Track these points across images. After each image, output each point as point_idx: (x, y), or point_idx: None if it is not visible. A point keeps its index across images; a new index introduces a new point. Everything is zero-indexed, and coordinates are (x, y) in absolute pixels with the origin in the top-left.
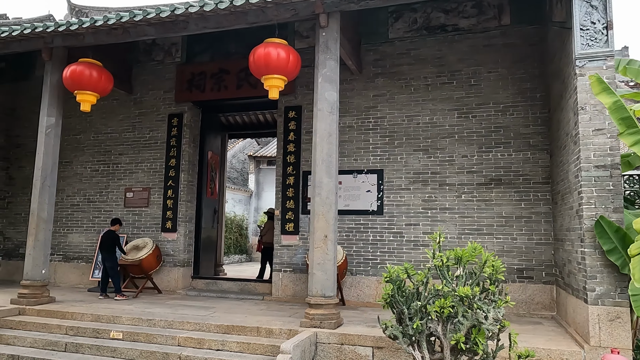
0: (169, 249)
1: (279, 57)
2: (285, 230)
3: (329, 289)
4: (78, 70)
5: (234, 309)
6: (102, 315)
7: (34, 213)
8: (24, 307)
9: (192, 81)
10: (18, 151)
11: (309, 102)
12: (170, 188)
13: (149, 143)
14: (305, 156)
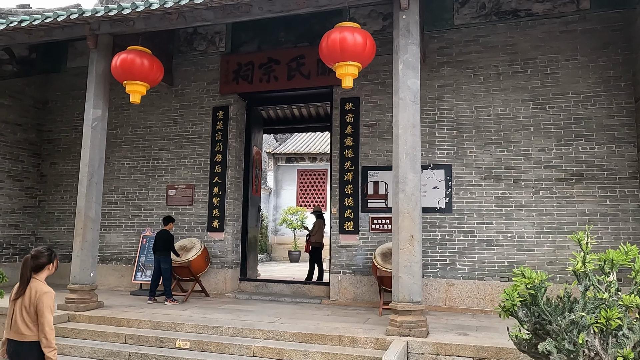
0: (216, 250)
1: (356, 42)
2: (344, 230)
3: (417, 294)
4: (129, 58)
5: (299, 315)
6: (161, 322)
7: (81, 212)
8: (73, 314)
9: (238, 72)
10: (50, 147)
11: (368, 93)
12: (217, 185)
13: (192, 138)
14: (364, 151)
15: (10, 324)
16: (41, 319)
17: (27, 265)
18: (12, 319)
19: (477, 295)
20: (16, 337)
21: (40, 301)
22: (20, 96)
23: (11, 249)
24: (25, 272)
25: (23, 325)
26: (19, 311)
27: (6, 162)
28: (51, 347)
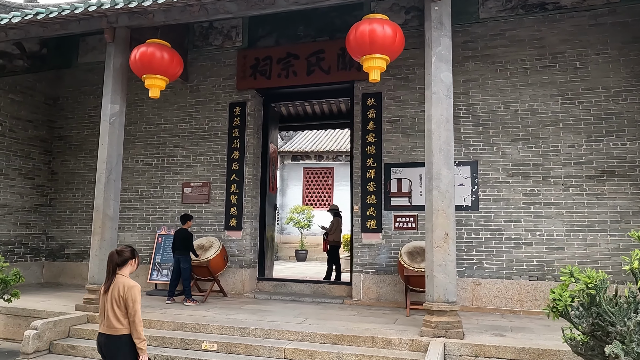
0: (234, 249)
1: (385, 35)
2: (366, 228)
3: (452, 294)
4: (149, 52)
5: (324, 315)
6: (185, 324)
7: (99, 210)
8: (92, 315)
9: (256, 67)
10: (61, 144)
11: (390, 88)
12: (234, 183)
13: (208, 134)
14: (387, 147)
15: (103, 320)
16: (131, 311)
17: (112, 260)
18: (104, 314)
19: (505, 294)
20: (109, 331)
21: (129, 295)
22: (31, 92)
23: (22, 249)
24: (110, 266)
25: (115, 319)
26: (109, 306)
27: (17, 160)
28: (141, 338)
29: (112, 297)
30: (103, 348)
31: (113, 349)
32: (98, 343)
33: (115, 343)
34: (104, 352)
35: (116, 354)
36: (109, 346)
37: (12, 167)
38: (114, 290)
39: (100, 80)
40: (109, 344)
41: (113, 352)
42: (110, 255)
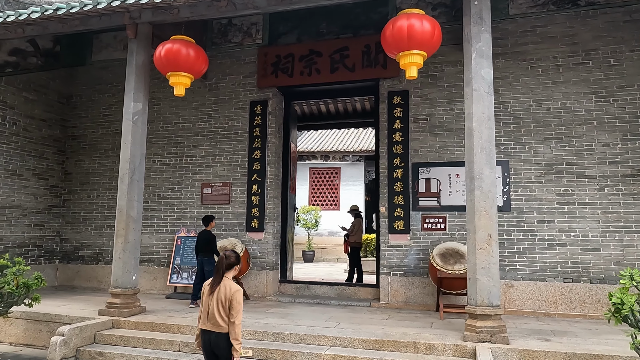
0: (256, 251)
1: (424, 30)
2: (393, 229)
3: (496, 297)
4: (174, 48)
5: (356, 319)
6: None
7: (122, 211)
8: (117, 319)
9: (277, 64)
10: (75, 144)
11: (417, 86)
12: (255, 183)
13: (228, 134)
14: (414, 146)
15: (207, 317)
16: (234, 312)
17: (222, 264)
18: (208, 312)
19: (538, 297)
20: (214, 328)
21: (234, 298)
22: (45, 90)
23: (36, 251)
24: (220, 269)
25: (220, 318)
26: (215, 305)
27: (31, 160)
28: (239, 340)
29: (218, 298)
30: (212, 344)
31: (222, 346)
32: (204, 339)
33: (224, 340)
34: (212, 347)
35: (225, 349)
36: (219, 343)
37: (26, 167)
38: (220, 292)
39: (115, 78)
40: (218, 340)
41: (222, 347)
42: (220, 260)
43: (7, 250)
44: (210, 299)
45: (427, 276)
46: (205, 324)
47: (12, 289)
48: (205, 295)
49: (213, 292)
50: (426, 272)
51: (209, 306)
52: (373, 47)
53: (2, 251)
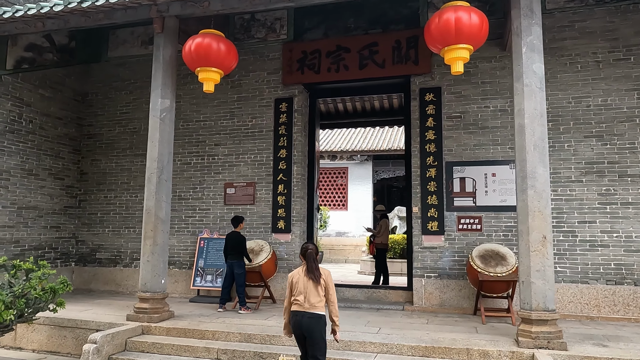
0: (282, 253)
1: (472, 24)
2: (427, 230)
3: (551, 301)
4: (205, 43)
5: (395, 324)
6: (252, 335)
7: (150, 212)
8: (147, 325)
9: (303, 61)
10: (91, 142)
11: (450, 82)
12: (281, 183)
13: (252, 132)
14: (448, 145)
15: (304, 299)
16: (332, 291)
17: (313, 253)
18: (304, 295)
19: (580, 300)
20: (311, 309)
21: (329, 280)
22: (61, 87)
23: (52, 253)
24: (312, 257)
25: (317, 299)
26: (313, 288)
27: (47, 159)
28: (338, 316)
29: (315, 282)
30: (304, 324)
31: (316, 326)
32: (297, 321)
33: (318, 320)
34: (305, 328)
35: (319, 329)
36: (313, 323)
37: (42, 166)
38: (316, 276)
39: (132, 75)
40: (313, 321)
41: (316, 327)
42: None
43: (24, 253)
44: (306, 283)
45: (463, 279)
46: (302, 306)
47: (39, 293)
48: (298, 282)
49: (309, 277)
50: (462, 274)
51: (305, 289)
52: (404, 43)
53: (18, 254)
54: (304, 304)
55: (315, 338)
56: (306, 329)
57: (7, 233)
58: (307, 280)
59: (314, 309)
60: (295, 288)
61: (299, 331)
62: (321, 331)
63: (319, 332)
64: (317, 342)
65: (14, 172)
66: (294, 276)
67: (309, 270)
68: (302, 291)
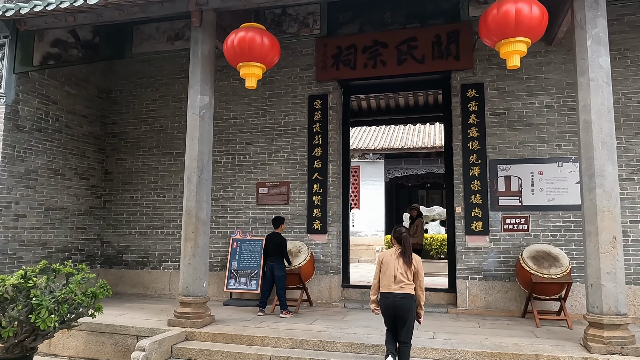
0: (319, 254)
1: (532, 16)
2: (471, 230)
3: (623, 304)
4: (249, 37)
5: (446, 327)
6: (304, 341)
7: (191, 213)
8: (191, 331)
9: (338, 56)
10: (115, 141)
11: (493, 78)
12: (317, 182)
13: (285, 130)
14: (492, 142)
15: (393, 281)
16: (421, 277)
17: (408, 238)
18: (395, 277)
19: (633, 302)
20: (402, 290)
21: (419, 265)
22: (85, 84)
23: (79, 255)
24: (407, 242)
25: (407, 281)
26: (403, 270)
27: (73, 158)
28: (423, 301)
29: (405, 264)
30: (397, 305)
31: (408, 305)
32: (388, 301)
33: (410, 300)
34: (399, 307)
35: (411, 309)
36: (406, 303)
37: (68, 166)
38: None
39: (158, 72)
40: (405, 301)
41: (408, 307)
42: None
43: (51, 255)
44: (397, 265)
45: (510, 280)
46: (392, 287)
47: (81, 298)
48: (389, 263)
49: (402, 260)
50: (508, 275)
51: (395, 271)
52: (444, 38)
53: (46, 256)
54: (394, 285)
55: (408, 318)
56: (399, 309)
57: (35, 235)
58: (400, 263)
59: (404, 290)
60: (386, 269)
61: (391, 311)
62: (413, 311)
63: (412, 312)
64: (408, 322)
65: (41, 172)
66: (385, 256)
67: (403, 253)
68: (394, 273)
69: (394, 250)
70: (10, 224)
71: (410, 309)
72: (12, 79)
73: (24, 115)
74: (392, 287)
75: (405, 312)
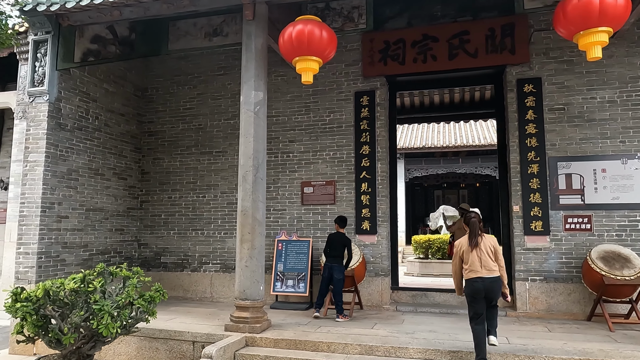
0: (368, 255)
1: (617, 4)
2: (530, 230)
3: None
4: (308, 30)
5: (516, 332)
6: (374, 347)
7: (247, 213)
8: (252, 336)
9: (386, 51)
10: (152, 140)
11: (551, 72)
12: (365, 181)
13: (330, 127)
14: (551, 139)
15: (480, 266)
16: (500, 257)
17: (477, 223)
18: (481, 262)
19: None
20: (490, 274)
21: (497, 246)
22: (123, 82)
23: (117, 258)
24: (477, 227)
25: (493, 265)
26: (486, 255)
27: (112, 158)
28: (506, 280)
29: (486, 249)
30: (487, 288)
31: (496, 287)
32: (479, 285)
33: (497, 282)
34: (490, 290)
35: (498, 290)
36: (494, 285)
37: (107, 166)
38: (485, 244)
39: (195, 69)
40: (493, 283)
41: (497, 288)
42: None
43: (92, 258)
44: (477, 252)
45: (572, 282)
46: (481, 272)
47: (141, 303)
48: (469, 251)
49: (479, 245)
50: (571, 277)
51: (480, 257)
52: (498, 31)
53: (87, 259)
54: (482, 270)
55: (497, 299)
56: (490, 291)
57: (77, 237)
58: (479, 248)
59: (491, 272)
60: (467, 256)
61: (481, 295)
62: (500, 292)
63: (499, 293)
64: (495, 302)
65: (82, 172)
66: (462, 244)
67: (475, 237)
68: (477, 258)
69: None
70: (54, 226)
71: (499, 290)
72: (54, 76)
73: (65, 114)
74: (480, 272)
75: (496, 294)
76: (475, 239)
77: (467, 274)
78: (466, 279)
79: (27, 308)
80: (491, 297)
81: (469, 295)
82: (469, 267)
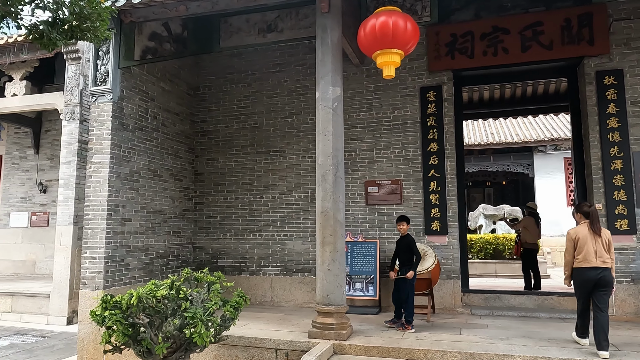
0: (439, 257)
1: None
2: (615, 229)
3: None
4: (393, 21)
5: (615, 337)
6: (476, 354)
7: (328, 214)
8: (340, 343)
9: (453, 45)
10: (205, 140)
11: (633, 64)
12: (434, 179)
13: (395, 124)
14: (635, 133)
15: (595, 256)
16: (613, 250)
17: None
18: (596, 252)
19: None
20: (604, 265)
21: (611, 239)
22: (177, 80)
23: (175, 261)
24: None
25: (606, 255)
26: (602, 246)
27: (168, 158)
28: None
29: (603, 240)
30: (600, 278)
31: (610, 277)
32: (591, 275)
33: (610, 273)
34: (603, 281)
35: (610, 281)
36: (607, 276)
37: (164, 167)
38: (603, 236)
39: (249, 66)
40: (607, 274)
41: (610, 279)
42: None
43: (152, 262)
44: (595, 241)
45: None
46: (595, 262)
47: (228, 309)
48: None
49: (598, 235)
50: None
51: (595, 247)
52: (574, 21)
53: (148, 262)
54: (595, 260)
55: (609, 289)
56: (603, 282)
57: (139, 240)
58: (595, 239)
59: (605, 264)
60: (582, 245)
61: (591, 284)
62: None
63: (611, 286)
64: (608, 294)
65: (143, 174)
66: (578, 233)
67: (595, 229)
68: (592, 248)
69: (585, 226)
70: (118, 229)
71: (612, 280)
72: (117, 74)
73: (127, 113)
74: (593, 261)
75: (607, 284)
76: (598, 226)
77: (578, 263)
78: (577, 267)
79: (117, 316)
80: (605, 286)
81: (578, 285)
82: (582, 257)
